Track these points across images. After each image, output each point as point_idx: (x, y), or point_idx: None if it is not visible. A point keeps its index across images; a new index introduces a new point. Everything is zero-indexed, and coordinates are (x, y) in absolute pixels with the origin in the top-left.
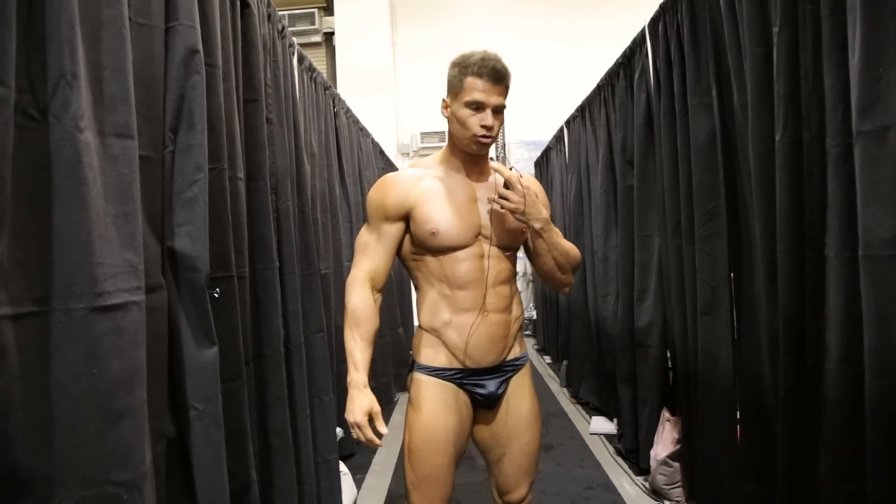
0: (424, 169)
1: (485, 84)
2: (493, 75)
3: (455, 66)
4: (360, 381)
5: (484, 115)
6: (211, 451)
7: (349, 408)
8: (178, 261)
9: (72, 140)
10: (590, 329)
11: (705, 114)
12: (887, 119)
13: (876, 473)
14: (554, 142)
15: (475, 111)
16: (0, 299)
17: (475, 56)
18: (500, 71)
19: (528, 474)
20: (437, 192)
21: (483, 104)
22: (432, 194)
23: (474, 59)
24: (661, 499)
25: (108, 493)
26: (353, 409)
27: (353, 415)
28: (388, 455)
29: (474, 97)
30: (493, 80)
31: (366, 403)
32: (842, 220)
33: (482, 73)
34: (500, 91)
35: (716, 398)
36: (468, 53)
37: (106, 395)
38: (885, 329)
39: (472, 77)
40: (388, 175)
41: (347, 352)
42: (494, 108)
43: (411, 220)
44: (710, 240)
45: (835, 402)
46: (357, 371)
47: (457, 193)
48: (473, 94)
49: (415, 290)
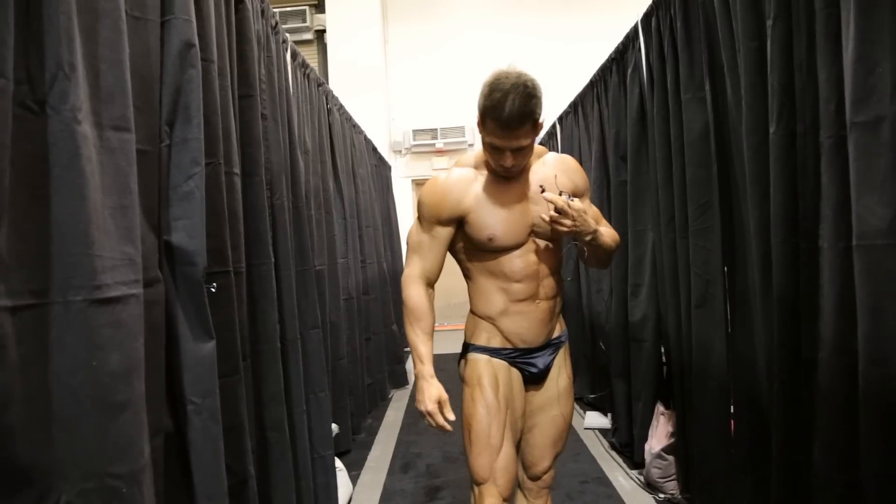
0: (473, 170)
1: (502, 133)
2: (509, 124)
3: (482, 95)
4: (427, 373)
5: (502, 157)
6: (209, 445)
7: (419, 398)
8: (175, 255)
9: (70, 132)
10: (583, 324)
11: (699, 108)
12: (881, 110)
13: (870, 462)
14: (547, 138)
15: (494, 151)
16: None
17: (498, 92)
18: (521, 117)
19: (555, 445)
20: (490, 196)
21: (500, 149)
22: (486, 199)
23: (495, 100)
24: (656, 492)
25: (107, 485)
26: (424, 399)
27: (423, 404)
28: (382, 452)
29: (492, 142)
30: (510, 128)
31: (434, 392)
32: (836, 211)
33: (498, 121)
34: (520, 135)
35: (710, 391)
36: (497, 80)
37: (105, 387)
38: (878, 318)
39: (491, 121)
40: (440, 178)
41: (412, 346)
42: (514, 149)
43: (467, 224)
44: (704, 233)
45: (829, 393)
46: (423, 363)
47: (508, 195)
48: (492, 138)
49: (466, 279)
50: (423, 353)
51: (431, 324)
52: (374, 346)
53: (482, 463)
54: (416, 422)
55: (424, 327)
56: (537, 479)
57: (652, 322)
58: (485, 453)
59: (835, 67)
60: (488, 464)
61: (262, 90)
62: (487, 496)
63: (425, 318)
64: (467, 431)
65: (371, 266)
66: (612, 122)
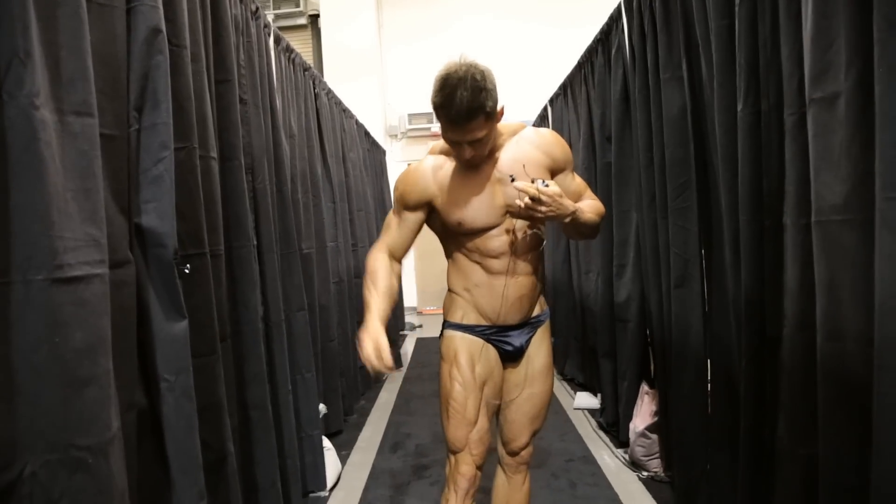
0: (444, 157)
1: (453, 127)
2: (457, 120)
3: (433, 91)
4: (370, 323)
5: (460, 150)
6: (183, 421)
7: (359, 348)
8: (145, 237)
9: (27, 117)
10: (574, 307)
11: (677, 87)
12: (836, 86)
13: (827, 437)
14: (538, 120)
15: (454, 145)
16: None
17: (443, 91)
18: (470, 112)
19: (532, 423)
20: (458, 181)
21: (456, 142)
22: (453, 184)
23: (444, 96)
24: (640, 470)
25: (72, 456)
26: (361, 347)
27: (361, 353)
28: (373, 432)
29: (447, 136)
30: (460, 123)
31: (370, 340)
32: (798, 188)
33: (447, 117)
34: (473, 128)
35: (688, 370)
36: (445, 75)
37: (68, 362)
38: (834, 293)
39: (442, 117)
40: (411, 167)
41: (365, 304)
42: (469, 141)
43: (438, 210)
44: (683, 213)
45: (792, 369)
46: (369, 314)
47: (476, 179)
48: (446, 133)
49: (446, 258)
50: (371, 306)
51: (388, 285)
52: None
53: (458, 435)
54: (408, 403)
55: (380, 286)
56: (515, 454)
57: (636, 302)
58: (461, 426)
59: (796, 45)
60: (464, 435)
61: (241, 75)
62: (462, 464)
63: (381, 278)
64: (444, 405)
65: (363, 249)
66: (598, 103)
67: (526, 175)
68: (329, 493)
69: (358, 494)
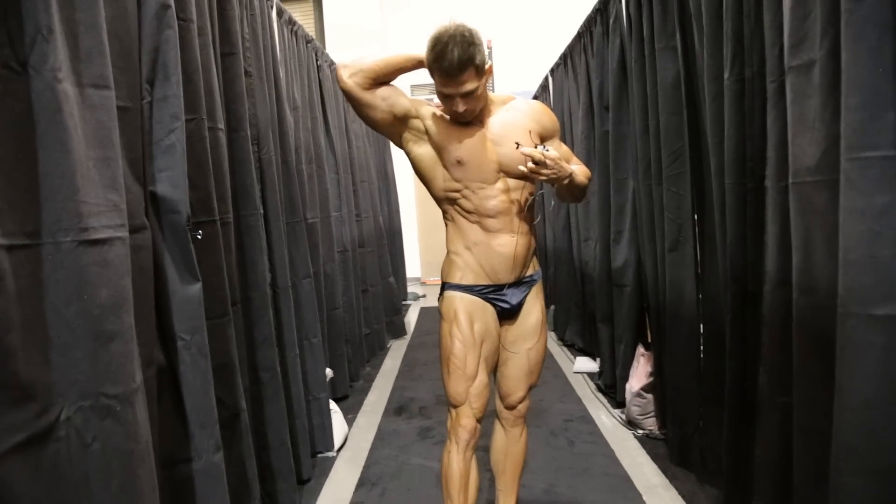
0: (439, 111)
1: (447, 80)
2: (450, 72)
3: (427, 50)
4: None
5: (454, 103)
6: (199, 377)
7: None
8: (160, 204)
9: (52, 90)
10: (574, 273)
11: (671, 57)
12: (812, 54)
13: (801, 385)
14: (540, 91)
15: (447, 99)
16: None
17: (439, 45)
18: (462, 64)
19: (529, 377)
20: (454, 130)
21: (450, 96)
22: (450, 130)
23: (437, 52)
24: (635, 428)
25: (102, 404)
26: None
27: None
28: (378, 396)
29: (442, 90)
30: (453, 75)
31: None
32: (778, 152)
33: (441, 70)
34: (463, 80)
35: (682, 331)
36: (437, 34)
37: (96, 318)
38: (809, 250)
39: (436, 74)
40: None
41: (383, 61)
42: (462, 94)
43: (435, 147)
44: (676, 179)
45: (771, 323)
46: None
47: (470, 132)
48: (441, 87)
49: (446, 223)
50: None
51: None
52: (372, 298)
53: (459, 390)
54: (412, 369)
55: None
56: (513, 408)
57: (633, 267)
58: (461, 381)
59: (777, 14)
60: (464, 390)
61: (245, 48)
62: (463, 417)
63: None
64: (445, 362)
65: (367, 220)
66: (596, 72)
67: (531, 140)
68: (336, 454)
69: (364, 454)
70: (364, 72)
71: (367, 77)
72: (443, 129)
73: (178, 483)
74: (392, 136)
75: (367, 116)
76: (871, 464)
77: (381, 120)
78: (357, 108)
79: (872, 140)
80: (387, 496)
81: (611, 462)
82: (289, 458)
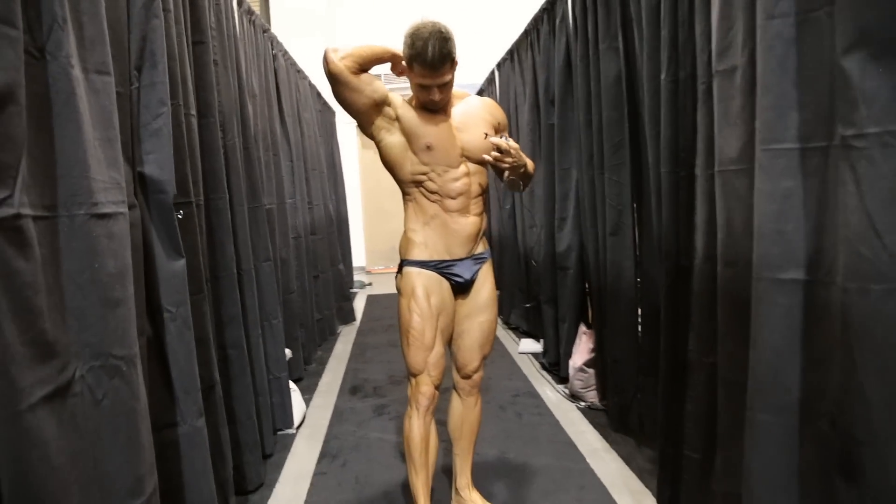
0: (406, 102)
1: (428, 72)
2: (433, 65)
3: (407, 46)
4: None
5: (430, 93)
6: (184, 347)
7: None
8: (147, 184)
9: (66, 75)
10: (518, 260)
11: (613, 56)
12: (735, 61)
13: (724, 345)
14: (486, 84)
15: (423, 90)
16: (24, 202)
17: (419, 41)
18: (443, 59)
19: (482, 348)
20: (421, 118)
21: (428, 87)
22: (417, 118)
23: (419, 47)
24: (578, 401)
25: (111, 364)
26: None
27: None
28: (332, 378)
29: (421, 81)
30: (435, 67)
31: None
32: (706, 145)
33: (424, 63)
34: (442, 72)
35: (622, 308)
36: (416, 31)
37: (105, 285)
38: (731, 229)
39: (417, 64)
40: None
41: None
42: (439, 86)
43: (404, 131)
44: (617, 169)
45: (700, 293)
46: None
47: (436, 121)
48: (420, 79)
49: (407, 202)
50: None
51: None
52: (322, 284)
53: (418, 360)
54: (364, 352)
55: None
56: (469, 377)
57: (575, 252)
58: (420, 351)
59: (708, 24)
60: (423, 360)
61: (212, 37)
62: (423, 384)
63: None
64: (405, 335)
65: (318, 208)
66: (543, 68)
67: (493, 132)
68: (296, 431)
69: (323, 431)
70: (353, 56)
71: (355, 61)
72: (413, 117)
73: (165, 446)
74: (365, 122)
75: (348, 99)
76: (776, 401)
77: (362, 105)
78: (341, 91)
79: (780, 135)
80: (348, 466)
81: (556, 431)
82: (255, 431)
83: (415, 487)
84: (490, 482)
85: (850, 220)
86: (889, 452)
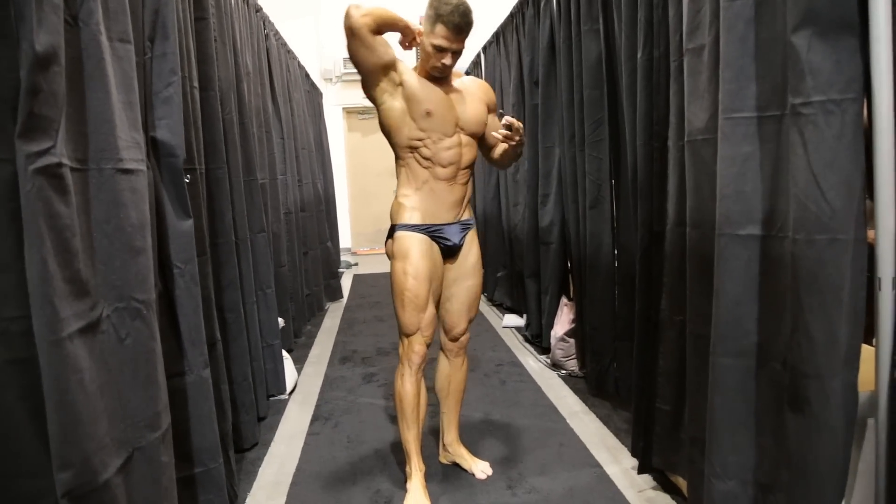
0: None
1: (452, 35)
2: (459, 30)
3: (434, 7)
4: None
5: (444, 56)
6: (191, 301)
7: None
8: (159, 148)
9: (96, 41)
10: (503, 237)
11: (594, 38)
12: (703, 40)
13: (692, 302)
14: (472, 66)
15: (439, 52)
16: (63, 153)
17: (448, 5)
18: (467, 26)
19: (469, 311)
20: (424, 84)
21: (446, 49)
22: (421, 85)
23: (449, 9)
24: (559, 369)
25: (133, 307)
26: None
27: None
28: (322, 350)
29: (440, 43)
30: (459, 32)
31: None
32: (677, 118)
33: (451, 25)
34: (462, 39)
35: (600, 277)
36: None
37: (128, 234)
38: (699, 193)
39: (441, 25)
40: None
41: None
42: (454, 51)
43: (406, 98)
44: (597, 145)
45: (671, 255)
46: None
47: (438, 89)
48: (440, 40)
49: (400, 167)
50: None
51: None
52: (312, 260)
53: (413, 320)
54: (352, 326)
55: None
56: (456, 339)
57: (557, 227)
58: (414, 313)
59: (679, 6)
60: (418, 320)
61: (212, 14)
62: (416, 343)
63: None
64: (399, 297)
65: (307, 185)
66: (527, 51)
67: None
68: (289, 397)
69: (315, 396)
70: (373, 15)
71: (375, 21)
72: (416, 84)
73: (174, 393)
74: (371, 83)
75: (360, 56)
76: (737, 346)
77: (371, 64)
78: (356, 47)
79: (740, 105)
80: (340, 427)
81: (538, 395)
82: (251, 393)
83: (407, 442)
84: (475, 440)
85: (799, 179)
86: (830, 384)
